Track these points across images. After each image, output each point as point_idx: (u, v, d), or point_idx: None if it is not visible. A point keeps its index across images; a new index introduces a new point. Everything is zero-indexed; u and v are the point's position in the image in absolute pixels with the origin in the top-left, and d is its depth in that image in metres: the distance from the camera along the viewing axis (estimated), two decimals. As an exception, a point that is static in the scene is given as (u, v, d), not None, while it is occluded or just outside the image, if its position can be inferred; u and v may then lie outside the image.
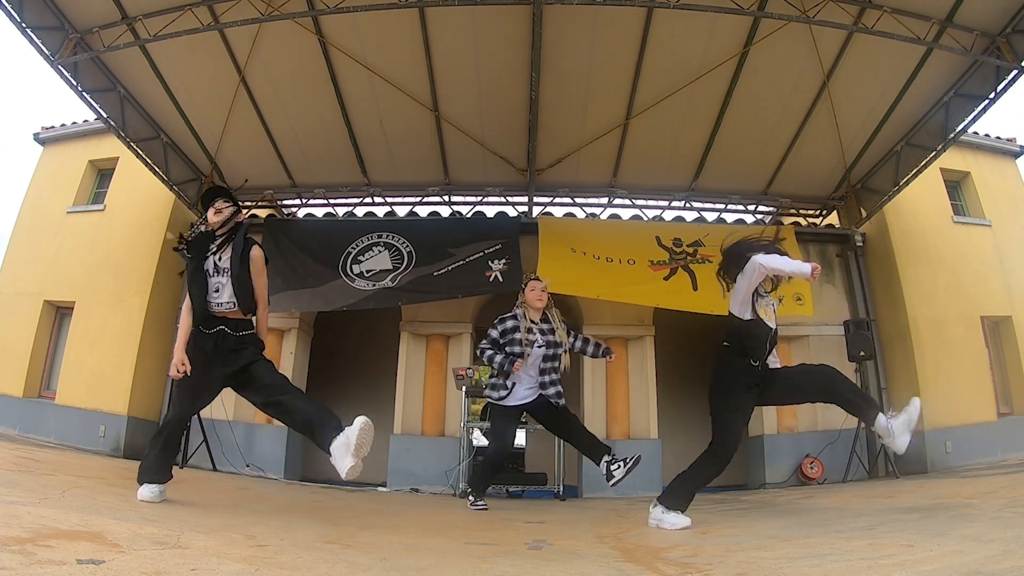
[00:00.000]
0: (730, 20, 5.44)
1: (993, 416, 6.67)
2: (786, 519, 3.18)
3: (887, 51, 5.60)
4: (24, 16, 5.09)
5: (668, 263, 6.98)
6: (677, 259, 7.02)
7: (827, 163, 7.22)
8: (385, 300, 6.86)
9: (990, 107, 5.69)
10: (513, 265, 6.78)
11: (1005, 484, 3.98)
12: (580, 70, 6.12)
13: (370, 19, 5.54)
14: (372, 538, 2.42)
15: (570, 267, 6.64)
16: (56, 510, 2.00)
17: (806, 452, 6.59)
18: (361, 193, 7.96)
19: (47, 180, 8.13)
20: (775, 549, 2.09)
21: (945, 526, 2.27)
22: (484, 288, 6.82)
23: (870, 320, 7.01)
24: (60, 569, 1.28)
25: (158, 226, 7.31)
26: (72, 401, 6.79)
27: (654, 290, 6.74)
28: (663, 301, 6.74)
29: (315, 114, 6.84)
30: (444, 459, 6.44)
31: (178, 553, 1.62)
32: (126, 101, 6.45)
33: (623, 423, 6.88)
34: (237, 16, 5.25)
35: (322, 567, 1.70)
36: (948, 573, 1.46)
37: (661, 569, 1.75)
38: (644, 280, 6.79)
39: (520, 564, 1.90)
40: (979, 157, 7.93)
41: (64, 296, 7.35)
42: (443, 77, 6.30)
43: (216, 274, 2.94)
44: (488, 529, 3.07)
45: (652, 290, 6.73)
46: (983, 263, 7.27)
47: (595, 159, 7.30)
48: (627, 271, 6.86)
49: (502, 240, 7.03)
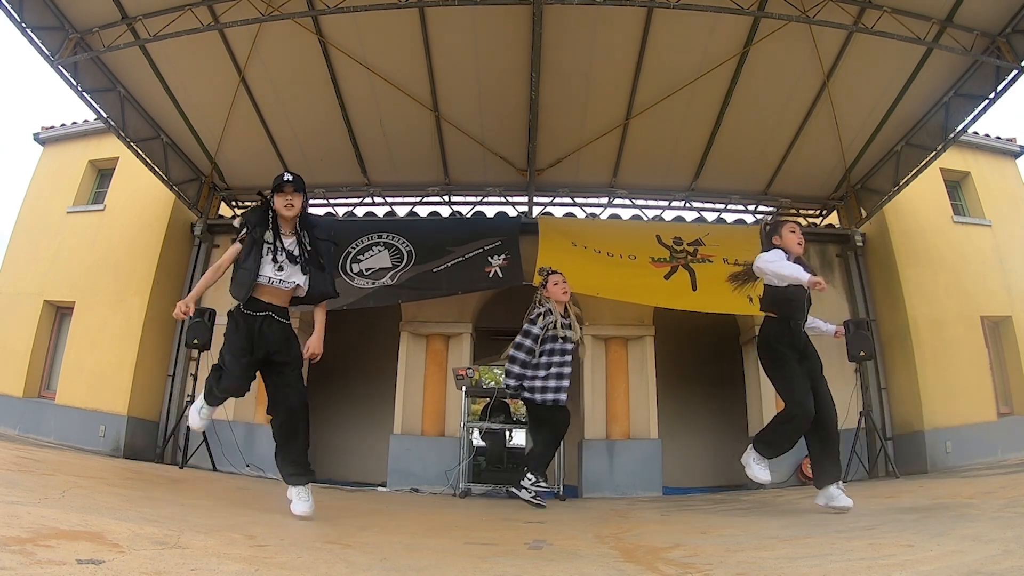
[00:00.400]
0: (730, 20, 5.44)
1: (993, 416, 6.66)
2: (786, 519, 3.18)
3: (887, 51, 5.60)
4: (24, 16, 5.09)
5: (669, 261, 6.95)
6: (678, 257, 6.99)
7: (827, 163, 7.22)
8: (385, 298, 6.86)
9: (990, 107, 5.69)
10: (513, 261, 6.77)
11: (1005, 484, 3.98)
12: (580, 70, 6.12)
13: (370, 19, 5.54)
14: (372, 538, 2.42)
15: (570, 261, 6.50)
16: (56, 510, 2.00)
17: (806, 452, 6.55)
18: (361, 193, 7.96)
19: (47, 180, 8.13)
20: (775, 549, 2.09)
21: (945, 526, 2.27)
22: (483, 284, 6.81)
23: (870, 320, 7.01)
24: (60, 569, 1.28)
25: (158, 226, 7.32)
26: (72, 401, 6.78)
27: (654, 288, 6.71)
28: (663, 300, 6.73)
29: (315, 114, 6.84)
30: (444, 459, 6.44)
31: (178, 553, 1.62)
32: (126, 101, 6.45)
33: (623, 423, 6.88)
34: (237, 16, 5.25)
35: (322, 567, 1.70)
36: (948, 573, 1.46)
37: (661, 569, 1.75)
38: (645, 276, 6.75)
39: (520, 564, 1.89)
40: (979, 157, 7.93)
41: (64, 296, 7.35)
42: (443, 77, 6.30)
43: (282, 256, 2.95)
44: (488, 529, 3.07)
45: (652, 287, 6.70)
46: (983, 263, 7.27)
47: (595, 159, 7.30)
48: (628, 266, 6.84)
49: (502, 237, 7.03)
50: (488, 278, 6.74)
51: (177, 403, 6.98)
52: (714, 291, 6.61)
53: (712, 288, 6.66)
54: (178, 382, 7.09)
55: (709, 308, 6.76)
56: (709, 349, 8.77)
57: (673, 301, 6.71)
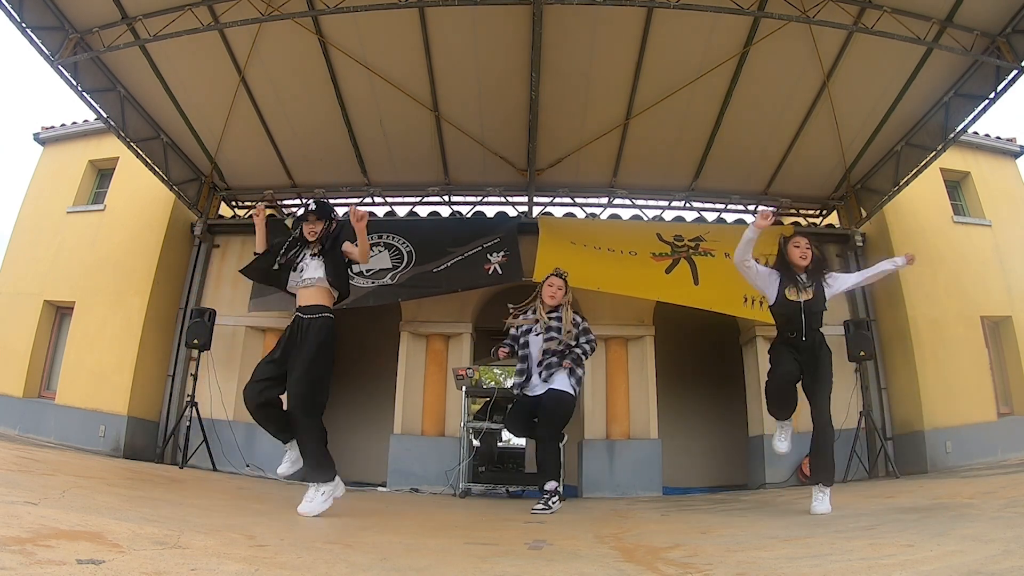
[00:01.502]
0: (730, 20, 5.44)
1: (993, 416, 6.66)
2: (786, 519, 3.18)
3: (887, 51, 5.60)
4: (24, 16, 5.09)
5: (670, 255, 6.90)
6: (679, 251, 6.94)
7: (827, 163, 7.22)
8: (384, 297, 6.87)
9: (990, 107, 5.69)
10: (512, 257, 6.76)
11: (1005, 484, 3.98)
12: (580, 70, 6.12)
13: (370, 19, 5.54)
14: (372, 538, 2.41)
15: (570, 258, 6.46)
16: (56, 510, 2.00)
17: (806, 452, 6.57)
18: (361, 193, 7.96)
19: (47, 180, 8.12)
20: (775, 549, 2.09)
21: (945, 526, 2.27)
22: (483, 281, 6.80)
23: (870, 320, 7.01)
24: (60, 569, 1.28)
25: (158, 226, 7.31)
26: (72, 401, 6.78)
27: (655, 281, 6.65)
28: (664, 294, 6.65)
29: (315, 114, 6.84)
30: (444, 459, 6.44)
31: (178, 553, 1.62)
32: (126, 101, 6.45)
33: (623, 423, 6.88)
34: (237, 16, 5.25)
35: (322, 567, 1.70)
36: (948, 573, 1.46)
37: (661, 569, 1.75)
38: (646, 269, 6.71)
39: (520, 564, 1.89)
40: (979, 157, 7.93)
41: (64, 296, 7.34)
42: (443, 77, 6.30)
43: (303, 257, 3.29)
44: (488, 529, 3.07)
45: (653, 280, 6.64)
46: (983, 263, 7.27)
47: (595, 159, 7.30)
48: (628, 260, 6.79)
49: (500, 234, 7.02)
50: (487, 275, 6.74)
51: (177, 403, 6.98)
52: (715, 285, 6.59)
53: (714, 282, 6.62)
54: (178, 382, 7.09)
55: (709, 305, 6.68)
56: (709, 349, 8.77)
57: (674, 295, 6.63)
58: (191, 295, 7.34)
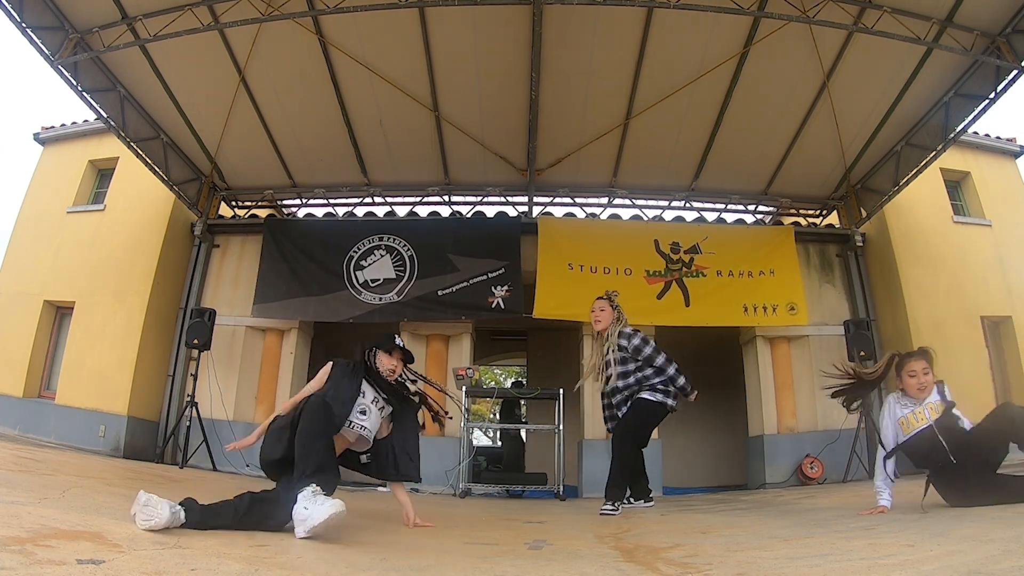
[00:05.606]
0: (730, 20, 5.44)
1: (993, 416, 6.65)
2: (786, 519, 3.18)
3: (887, 51, 5.60)
4: (24, 16, 5.09)
5: (663, 275, 7.18)
6: (672, 270, 7.20)
7: (827, 163, 7.22)
8: (391, 315, 7.09)
9: (990, 107, 5.69)
10: (515, 292, 7.03)
11: (1005, 484, 3.96)
12: (580, 70, 6.12)
13: (370, 19, 5.54)
14: (372, 538, 2.41)
15: (566, 287, 6.94)
16: (56, 510, 2.00)
17: (806, 452, 6.59)
18: (361, 193, 7.96)
19: (47, 180, 8.12)
20: (775, 549, 2.09)
21: (945, 526, 2.27)
22: (485, 313, 7.08)
23: (870, 320, 7.01)
24: (60, 569, 1.28)
25: (158, 226, 7.31)
26: (72, 401, 6.78)
27: (647, 308, 6.91)
28: (657, 319, 6.91)
29: (315, 114, 6.84)
30: (444, 459, 6.43)
31: (178, 553, 1.62)
32: (126, 101, 6.45)
33: (623, 423, 6.87)
34: (237, 16, 5.25)
35: (322, 567, 1.70)
36: (948, 573, 1.46)
37: (661, 569, 1.75)
38: (638, 296, 6.94)
39: (520, 564, 1.89)
40: (979, 157, 7.92)
41: (64, 296, 7.34)
42: (443, 77, 6.31)
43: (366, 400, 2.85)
44: (488, 529, 3.07)
45: (646, 309, 6.88)
46: (983, 263, 7.26)
47: (595, 159, 7.30)
48: (622, 285, 6.87)
49: (504, 264, 7.16)
50: (490, 308, 7.04)
51: (177, 403, 6.98)
52: (706, 305, 7.04)
53: (704, 302, 7.07)
54: (178, 382, 7.09)
55: (703, 322, 7.07)
56: (709, 350, 8.76)
57: (666, 319, 6.97)
58: (191, 295, 7.35)
